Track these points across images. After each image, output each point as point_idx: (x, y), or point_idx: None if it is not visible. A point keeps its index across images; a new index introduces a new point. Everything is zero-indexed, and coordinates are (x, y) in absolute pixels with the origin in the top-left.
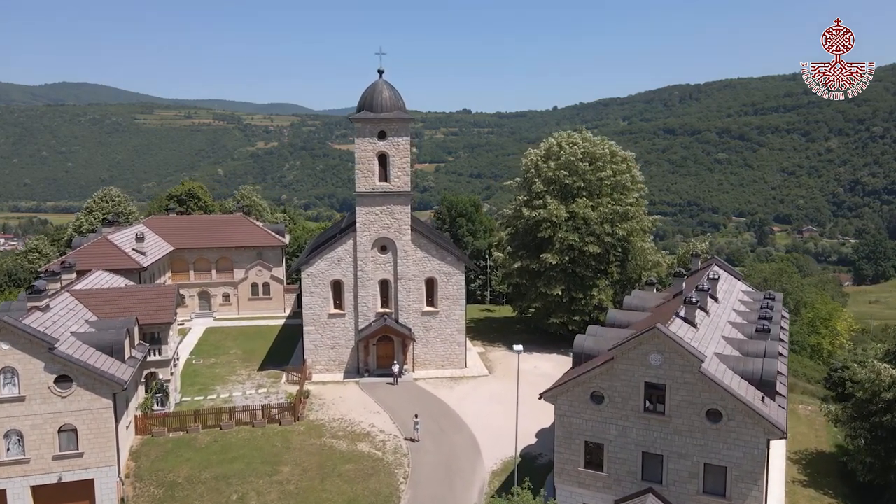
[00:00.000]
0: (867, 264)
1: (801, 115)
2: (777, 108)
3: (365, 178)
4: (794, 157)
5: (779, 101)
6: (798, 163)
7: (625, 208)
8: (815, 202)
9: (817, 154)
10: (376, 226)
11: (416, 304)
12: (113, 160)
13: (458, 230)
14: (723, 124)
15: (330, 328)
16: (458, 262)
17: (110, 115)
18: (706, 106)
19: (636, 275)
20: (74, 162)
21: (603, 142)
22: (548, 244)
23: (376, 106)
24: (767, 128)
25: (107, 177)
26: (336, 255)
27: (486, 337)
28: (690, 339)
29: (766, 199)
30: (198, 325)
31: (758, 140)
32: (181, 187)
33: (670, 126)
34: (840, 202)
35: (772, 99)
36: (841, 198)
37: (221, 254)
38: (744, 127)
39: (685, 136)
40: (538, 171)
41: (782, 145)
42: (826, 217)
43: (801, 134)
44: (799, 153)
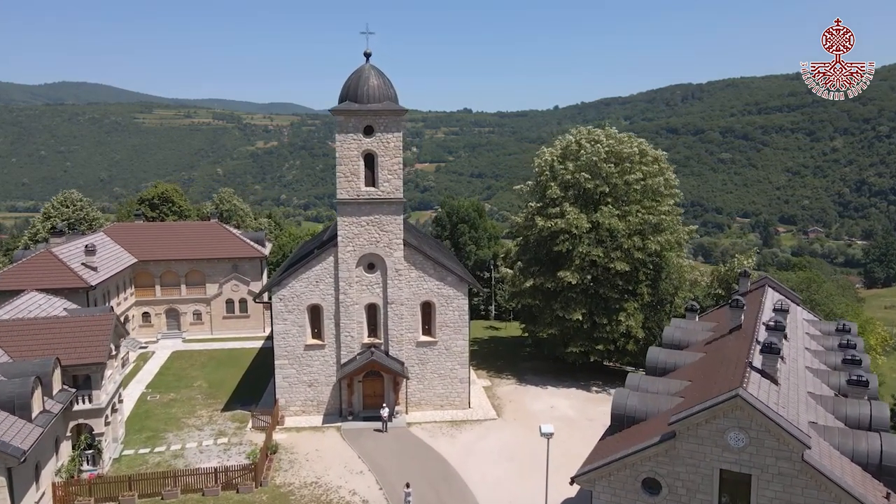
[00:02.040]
0: (878, 266)
1: (806, 115)
2: (781, 108)
3: (348, 183)
4: (799, 157)
5: (782, 100)
6: (803, 163)
7: (658, 218)
8: (821, 203)
9: (822, 154)
10: (362, 239)
11: (409, 332)
12: (112, 160)
13: (459, 238)
14: (726, 124)
15: (307, 362)
16: (459, 282)
17: (109, 114)
18: (709, 105)
19: (670, 296)
20: (73, 161)
21: (630, 139)
22: (565, 260)
23: (362, 95)
24: (771, 127)
25: (106, 176)
26: (313, 274)
27: (492, 364)
28: (775, 403)
29: (770, 199)
30: (163, 347)
31: (761, 140)
32: (153, 190)
33: (673, 126)
34: (846, 203)
35: (775, 98)
36: (847, 198)
37: (192, 266)
38: (747, 126)
39: (688, 136)
40: (553, 173)
41: (786, 145)
42: (832, 218)
43: (806, 133)
44: (803, 153)
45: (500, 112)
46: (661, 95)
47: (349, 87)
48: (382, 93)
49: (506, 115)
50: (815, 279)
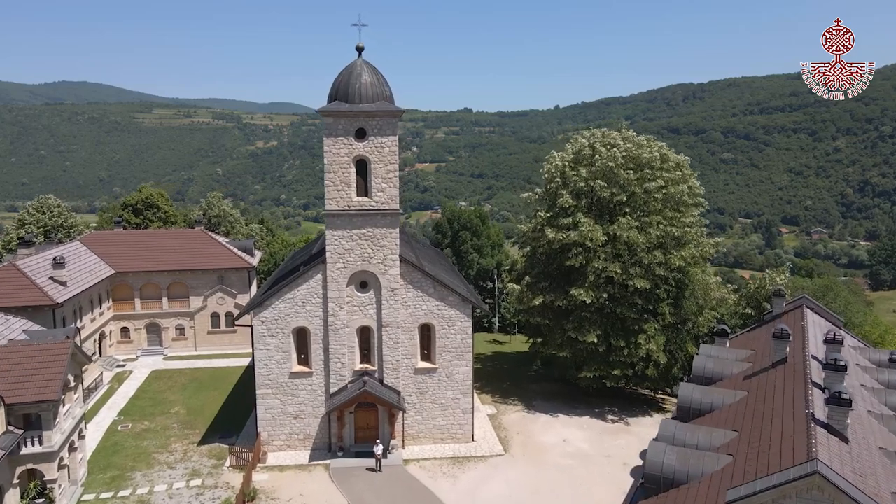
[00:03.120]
0: (884, 268)
1: (808, 115)
2: (783, 108)
3: (337, 192)
4: (802, 157)
5: (784, 100)
6: (805, 163)
7: (681, 230)
8: (824, 203)
9: (825, 154)
10: (353, 255)
11: (406, 358)
12: (111, 159)
13: (461, 246)
14: (728, 124)
15: (292, 391)
16: (462, 303)
17: (109, 114)
18: (710, 105)
19: (694, 316)
20: (73, 161)
21: (650, 142)
22: (578, 275)
23: (353, 94)
24: (773, 127)
25: (105, 176)
26: (299, 294)
27: (497, 387)
28: (852, 471)
29: (772, 199)
30: (143, 366)
31: (764, 140)
32: (137, 195)
33: (674, 125)
34: (849, 203)
35: (777, 98)
36: (850, 199)
37: (175, 278)
38: (749, 126)
39: (689, 136)
40: (565, 179)
41: (789, 145)
42: (835, 218)
43: (809, 133)
44: (806, 153)
45: (501, 112)
46: (662, 95)
47: (339, 84)
48: (376, 91)
49: (506, 115)
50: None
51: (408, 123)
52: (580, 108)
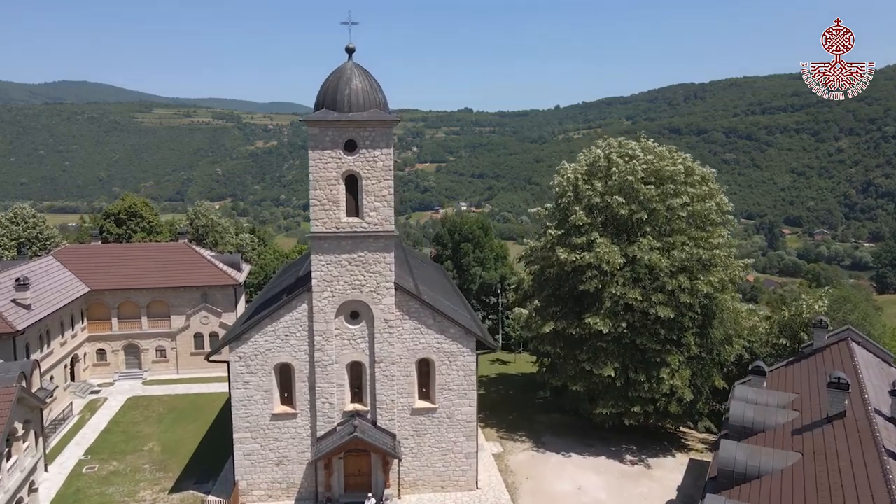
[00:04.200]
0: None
1: (810, 115)
2: (785, 108)
3: (324, 212)
4: (804, 158)
5: (786, 100)
6: (808, 163)
7: (709, 253)
8: (827, 204)
9: (827, 154)
10: (343, 283)
11: (403, 398)
12: (111, 159)
13: (462, 258)
14: (729, 124)
15: (274, 435)
16: (465, 335)
17: (109, 113)
18: (711, 105)
19: (722, 347)
20: (72, 161)
21: (672, 154)
22: (593, 301)
23: (342, 102)
24: (775, 127)
25: (104, 176)
26: (282, 326)
27: (503, 418)
28: None
29: (775, 200)
30: (119, 392)
31: (766, 140)
32: (120, 203)
33: (675, 125)
34: (852, 204)
35: (779, 98)
36: (853, 199)
37: (155, 296)
38: (751, 126)
39: (691, 136)
40: (578, 194)
41: (791, 145)
42: (838, 220)
43: (811, 134)
44: (808, 153)
45: (501, 111)
46: (663, 95)
47: (326, 91)
48: (368, 98)
49: (507, 115)
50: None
51: (408, 123)
52: (581, 107)
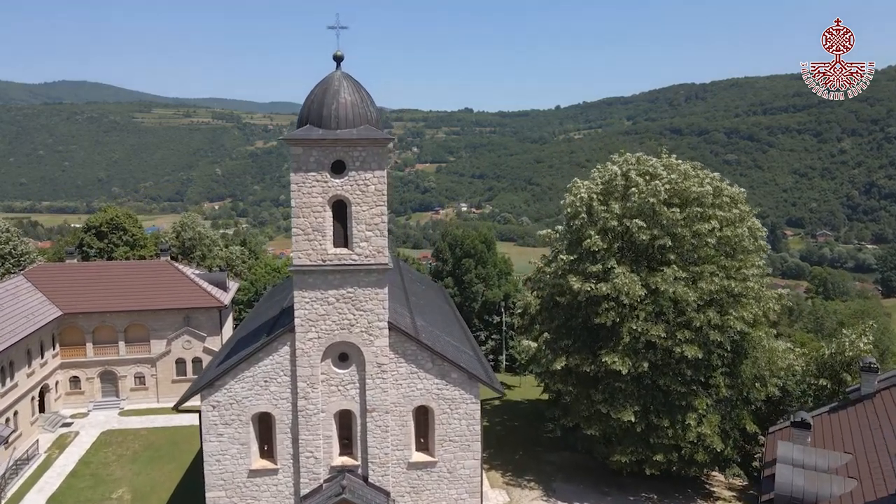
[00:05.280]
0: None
1: (812, 115)
2: (786, 108)
3: (309, 242)
4: (806, 159)
5: (788, 100)
6: (810, 164)
7: (741, 285)
8: (829, 205)
9: (830, 155)
10: (329, 322)
11: (398, 450)
12: (110, 159)
13: (464, 275)
14: (731, 124)
15: (252, 494)
16: (469, 381)
17: (108, 113)
18: (712, 105)
19: (755, 388)
20: (71, 161)
21: (698, 172)
22: (610, 335)
23: (329, 118)
24: (777, 128)
25: (104, 176)
26: (261, 371)
27: (508, 457)
28: None
29: (777, 201)
30: (93, 424)
31: (767, 140)
32: (102, 215)
33: (677, 126)
34: (855, 205)
35: (780, 98)
36: (856, 201)
37: (133, 319)
38: (753, 127)
39: (692, 137)
40: (592, 216)
41: (793, 146)
42: (841, 221)
43: (813, 134)
44: (811, 154)
45: (502, 112)
46: (663, 95)
47: (311, 105)
48: (358, 113)
49: (507, 115)
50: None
51: (408, 123)
52: (581, 108)
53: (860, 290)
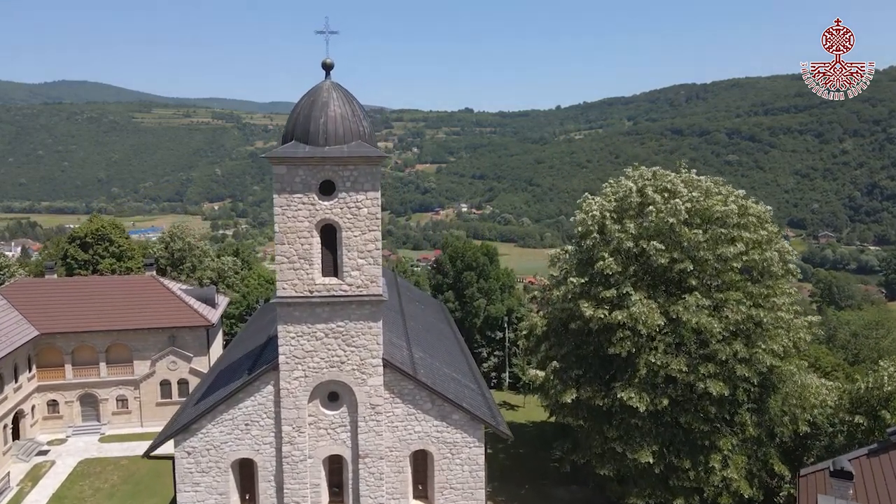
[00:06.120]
0: None
1: (814, 116)
2: (788, 108)
3: (294, 272)
4: (808, 160)
5: (789, 100)
6: (812, 165)
7: (772, 315)
8: (831, 206)
9: (832, 156)
10: (318, 360)
11: (393, 499)
12: (109, 160)
13: (465, 289)
14: (732, 125)
15: None
16: (472, 422)
17: (108, 113)
18: (713, 106)
19: (785, 427)
20: (71, 161)
21: (720, 188)
22: (625, 366)
23: (316, 133)
24: (779, 128)
25: (103, 176)
26: (241, 414)
27: (513, 493)
28: None
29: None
30: (70, 452)
31: (769, 141)
32: (87, 226)
33: (678, 126)
34: (857, 206)
35: (782, 99)
36: (858, 202)
37: (115, 338)
38: (754, 128)
39: (693, 137)
40: (605, 235)
41: (795, 147)
42: (843, 222)
43: (815, 135)
44: (812, 155)
45: (502, 112)
46: (664, 95)
47: (297, 119)
48: (349, 128)
49: (507, 115)
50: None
51: (408, 123)
52: (582, 108)
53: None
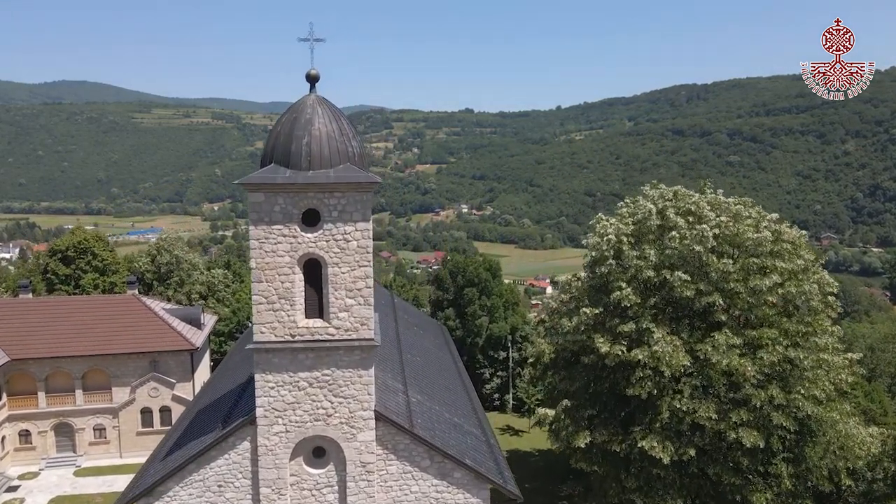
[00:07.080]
0: None
1: (816, 117)
2: (789, 109)
3: (273, 313)
4: (810, 160)
5: (791, 101)
6: (814, 166)
7: (813, 357)
8: (833, 207)
9: (833, 157)
10: (300, 412)
11: None
12: (109, 160)
13: (466, 307)
14: (733, 125)
15: None
16: (476, 480)
17: (108, 113)
18: (714, 106)
19: (825, 476)
20: (70, 161)
21: (750, 210)
22: (645, 408)
23: (298, 155)
24: (780, 129)
25: (103, 177)
26: (213, 474)
27: None
28: None
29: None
30: (43, 487)
31: (770, 142)
32: (69, 238)
33: (679, 127)
34: (859, 208)
35: (783, 99)
36: (860, 203)
37: (92, 364)
38: (755, 128)
39: (694, 138)
40: (622, 262)
41: (796, 147)
42: (845, 223)
43: (816, 136)
44: (814, 156)
45: (503, 112)
46: (665, 96)
47: (277, 138)
48: (336, 149)
49: (508, 116)
50: None
51: (408, 124)
52: (582, 108)
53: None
